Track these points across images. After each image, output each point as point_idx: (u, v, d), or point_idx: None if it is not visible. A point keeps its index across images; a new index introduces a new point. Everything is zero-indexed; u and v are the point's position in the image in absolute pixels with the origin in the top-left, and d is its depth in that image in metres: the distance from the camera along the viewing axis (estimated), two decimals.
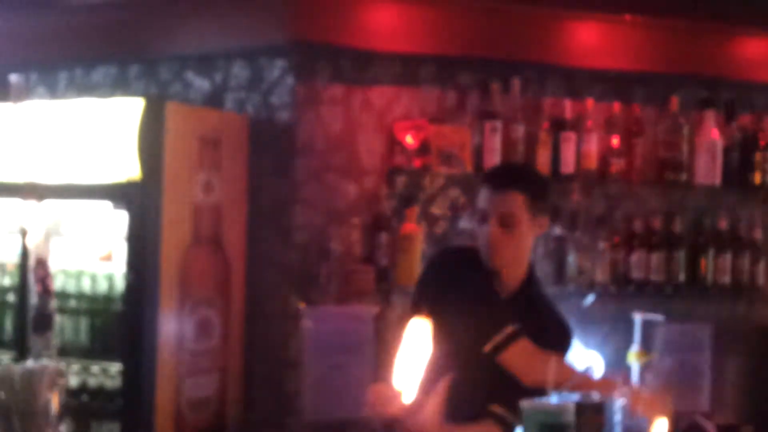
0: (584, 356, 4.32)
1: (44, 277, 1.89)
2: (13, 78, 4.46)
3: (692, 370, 4.65)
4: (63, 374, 1.93)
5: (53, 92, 4.93)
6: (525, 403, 2.25)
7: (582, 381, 2.76)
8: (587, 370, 3.17)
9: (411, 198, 4.34)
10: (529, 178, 3.10)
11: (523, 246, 2.98)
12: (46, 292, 1.89)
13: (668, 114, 4.69)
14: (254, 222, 4.38)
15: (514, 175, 3.09)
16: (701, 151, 4.68)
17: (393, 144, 4.38)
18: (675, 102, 4.67)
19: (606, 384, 2.85)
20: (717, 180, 4.68)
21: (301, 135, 4.31)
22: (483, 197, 2.98)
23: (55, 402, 1.91)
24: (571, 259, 4.50)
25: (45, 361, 1.91)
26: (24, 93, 4.53)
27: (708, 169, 4.67)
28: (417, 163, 4.35)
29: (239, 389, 4.34)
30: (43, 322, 1.93)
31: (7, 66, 4.82)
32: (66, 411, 2.37)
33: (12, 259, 4.34)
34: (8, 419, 1.86)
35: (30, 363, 1.90)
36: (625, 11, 4.66)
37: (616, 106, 4.66)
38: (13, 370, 1.89)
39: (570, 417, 2.23)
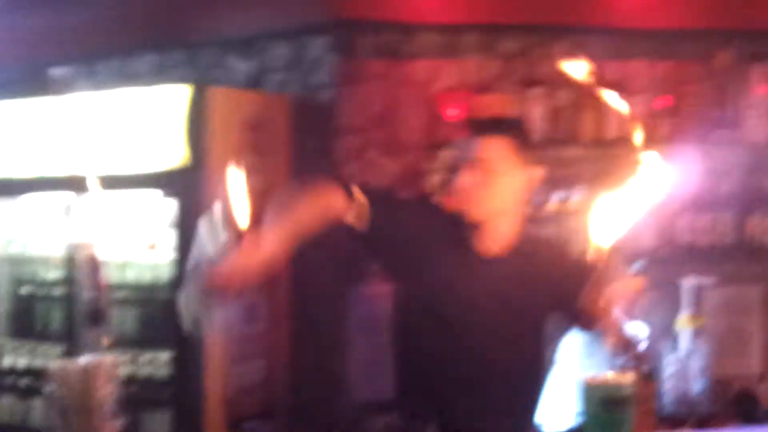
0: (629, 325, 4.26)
1: (95, 270, 1.89)
2: (56, 71, 4.49)
3: (743, 333, 4.57)
4: (118, 366, 1.93)
5: (95, 84, 4.94)
6: (586, 380, 2.22)
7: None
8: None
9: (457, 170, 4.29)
10: (516, 125, 2.91)
11: (507, 195, 2.70)
12: (98, 285, 1.89)
13: (715, 71, 4.59)
14: None
15: (499, 122, 2.96)
16: (749, 109, 4.58)
17: (436, 118, 4.34)
18: (723, 58, 4.57)
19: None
20: (765, 137, 4.57)
21: (343, 113, 4.28)
22: (467, 146, 2.76)
23: (111, 396, 1.92)
24: None
25: (100, 356, 1.91)
26: (66, 86, 4.55)
27: (756, 127, 4.57)
28: (462, 134, 4.30)
29: (287, 374, 4.36)
30: (97, 316, 1.94)
31: (48, 60, 4.85)
32: (119, 403, 2.39)
33: (57, 252, 4.37)
34: (65, 417, 1.87)
35: (85, 358, 1.90)
36: None
37: (663, 66, 4.56)
38: (69, 367, 1.89)
39: (630, 390, 2.20)
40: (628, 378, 2.25)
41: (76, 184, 4.16)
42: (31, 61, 5.04)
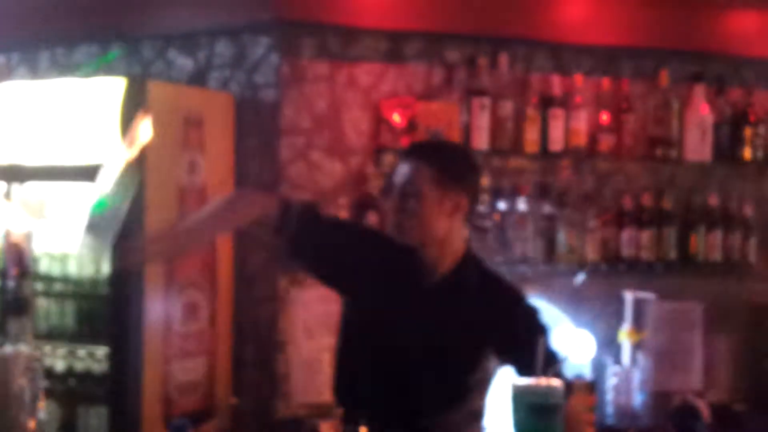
0: (575, 334, 4.30)
1: (20, 259, 1.83)
2: None
3: (684, 348, 4.62)
4: (38, 359, 1.87)
5: (35, 72, 4.87)
6: (515, 385, 2.21)
7: None
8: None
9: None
10: (441, 151, 2.83)
11: (434, 224, 2.65)
12: (22, 274, 1.83)
13: (658, 89, 4.65)
14: None
15: (423, 147, 2.90)
16: (691, 127, 4.64)
17: (379, 122, 4.33)
18: (664, 77, 4.63)
19: None
20: (707, 156, 4.64)
21: (286, 113, 4.26)
22: (394, 173, 2.74)
23: (30, 387, 1.86)
24: (561, 237, 4.46)
25: (20, 347, 1.85)
26: (6, 73, 4.46)
27: (698, 145, 4.64)
28: (404, 141, 4.30)
29: (227, 372, 4.30)
30: (20, 305, 1.88)
31: None
32: (48, 395, 2.32)
33: None
34: None
35: (4, 349, 1.84)
36: None
37: (605, 82, 4.61)
38: None
39: (559, 398, 2.19)
40: (558, 386, 2.24)
41: (12, 173, 4.10)
42: None
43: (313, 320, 4.18)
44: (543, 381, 2.21)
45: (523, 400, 2.19)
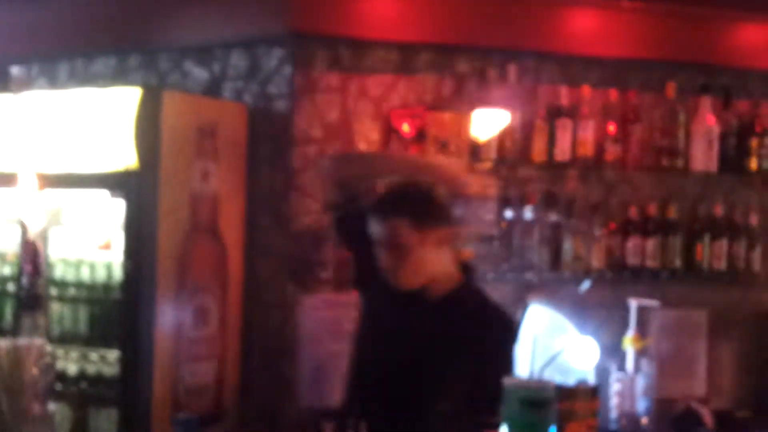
0: (580, 341, 4.35)
1: (34, 257, 1.92)
2: (14, 70, 4.51)
3: (688, 355, 4.67)
4: (49, 353, 1.96)
5: (54, 83, 4.98)
6: (507, 380, 2.27)
7: None
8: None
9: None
10: (411, 200, 2.98)
11: (424, 264, 2.88)
12: (36, 272, 1.92)
13: (665, 101, 4.70)
14: (252, 210, 4.42)
15: (395, 201, 3.02)
16: (697, 138, 4.69)
17: (390, 132, 4.41)
18: (671, 88, 4.68)
19: None
20: (713, 166, 4.68)
21: (299, 123, 4.35)
22: (372, 226, 2.94)
23: (41, 379, 1.95)
24: (567, 245, 4.52)
25: (34, 339, 1.94)
26: (25, 84, 4.57)
27: (704, 156, 4.68)
28: (413, 151, 4.38)
29: (236, 376, 4.38)
30: (33, 301, 1.97)
31: (8, 58, 4.87)
32: (60, 398, 2.40)
33: (12, 248, 4.39)
34: None
35: (18, 340, 1.93)
36: None
37: (613, 93, 4.67)
38: None
39: (551, 393, 2.25)
40: (550, 382, 2.30)
41: (29, 180, 4.19)
42: None
43: (320, 326, 4.25)
44: (535, 377, 2.28)
45: (515, 395, 2.25)
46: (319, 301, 4.30)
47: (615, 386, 4.40)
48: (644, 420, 4.38)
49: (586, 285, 4.54)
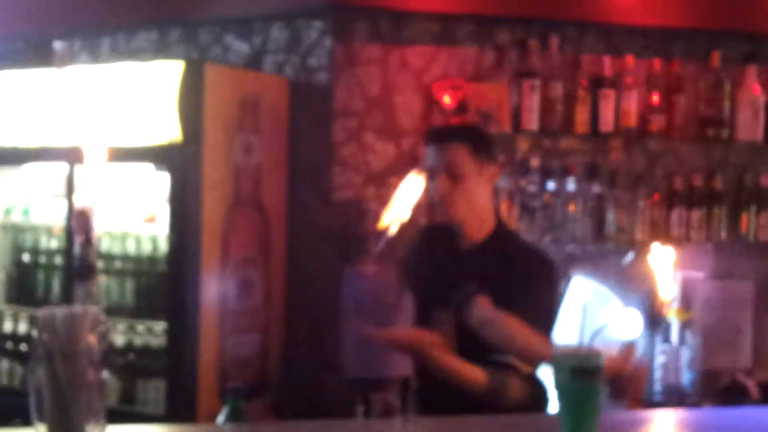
0: (624, 314, 4.32)
1: (86, 227, 1.93)
2: (58, 44, 4.51)
3: (733, 327, 4.63)
4: (103, 321, 1.98)
5: (96, 58, 5.01)
6: (557, 349, 2.27)
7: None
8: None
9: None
10: (470, 130, 3.15)
11: (476, 197, 2.96)
12: (88, 241, 1.94)
13: (709, 70, 4.65)
14: (294, 183, 4.44)
15: (454, 130, 3.20)
16: (743, 107, 4.64)
17: (431, 104, 4.40)
18: (716, 57, 4.63)
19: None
20: (759, 136, 4.64)
21: (339, 96, 4.35)
22: (428, 155, 3.00)
23: (96, 347, 1.98)
24: (611, 217, 4.50)
25: (89, 307, 1.97)
26: (68, 59, 4.58)
27: (750, 125, 4.63)
28: (455, 122, 4.36)
29: (280, 348, 4.41)
30: (86, 270, 1.98)
31: (51, 33, 4.91)
32: (110, 361, 2.44)
33: (59, 222, 4.45)
34: (51, 361, 1.92)
35: (74, 308, 1.95)
36: None
37: (656, 63, 4.63)
38: (55, 313, 1.95)
39: (600, 361, 2.25)
40: (600, 351, 2.29)
41: (76, 155, 4.23)
42: (35, 33, 5.11)
43: (363, 298, 4.25)
44: (584, 346, 2.28)
45: (565, 364, 2.25)
46: (362, 272, 4.30)
47: (660, 358, 4.38)
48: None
49: (630, 257, 4.52)
